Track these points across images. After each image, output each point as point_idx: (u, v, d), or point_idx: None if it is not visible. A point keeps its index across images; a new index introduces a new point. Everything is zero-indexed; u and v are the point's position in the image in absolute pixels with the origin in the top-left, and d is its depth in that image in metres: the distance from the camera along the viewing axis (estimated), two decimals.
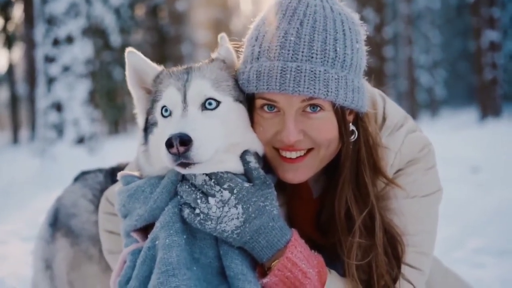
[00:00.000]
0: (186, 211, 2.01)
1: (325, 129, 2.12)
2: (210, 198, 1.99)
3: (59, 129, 12.08)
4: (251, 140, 2.16)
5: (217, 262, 2.04)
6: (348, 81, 2.07)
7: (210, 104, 2.06)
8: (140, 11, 32.31)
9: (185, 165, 1.92)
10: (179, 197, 2.05)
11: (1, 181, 11.65)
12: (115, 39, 29.26)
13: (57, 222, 2.81)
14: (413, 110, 32.17)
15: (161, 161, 1.99)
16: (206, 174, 2.03)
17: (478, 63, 23.91)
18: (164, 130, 2.02)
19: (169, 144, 1.86)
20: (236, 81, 2.19)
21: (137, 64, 2.25)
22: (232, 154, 2.09)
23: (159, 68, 2.27)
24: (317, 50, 2.03)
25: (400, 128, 2.35)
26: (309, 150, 2.17)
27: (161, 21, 29.12)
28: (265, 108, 2.14)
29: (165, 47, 28.25)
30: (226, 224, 1.98)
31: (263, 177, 2.07)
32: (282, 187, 2.31)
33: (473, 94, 24.19)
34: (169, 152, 1.88)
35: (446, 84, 44.38)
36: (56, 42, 12.18)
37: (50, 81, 12.14)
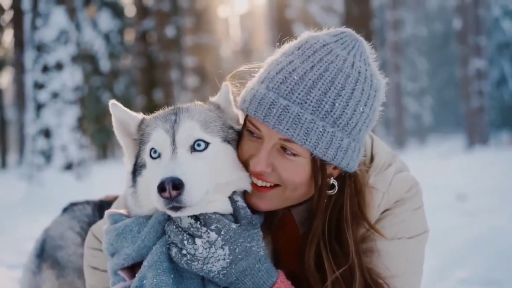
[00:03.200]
0: (174, 250, 2.02)
1: (294, 172, 2.12)
2: (196, 239, 2.00)
3: (47, 155, 12.03)
4: (239, 179, 2.17)
5: None
6: (334, 138, 2.05)
7: (199, 145, 2.07)
8: (130, 37, 32.39)
9: (176, 208, 1.93)
10: (167, 236, 2.06)
11: None
12: (105, 64, 29.35)
13: (44, 254, 2.82)
14: (401, 137, 32.31)
15: (150, 202, 2.01)
16: (192, 217, 2.03)
17: (465, 91, 24.14)
18: (153, 172, 2.04)
19: (161, 188, 1.87)
20: (224, 122, 2.22)
21: (119, 115, 2.26)
22: (221, 194, 2.10)
23: (138, 116, 2.28)
24: (313, 98, 2.01)
25: (388, 167, 2.34)
26: (276, 186, 2.17)
27: (150, 47, 29.17)
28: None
29: (154, 73, 28.23)
30: (213, 265, 1.99)
31: (249, 217, 2.09)
32: (269, 221, 2.33)
33: (460, 121, 24.38)
34: (161, 196, 1.88)
35: (433, 111, 44.73)
36: (45, 69, 12.18)
37: (39, 107, 12.13)
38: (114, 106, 2.25)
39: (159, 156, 2.07)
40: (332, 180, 2.18)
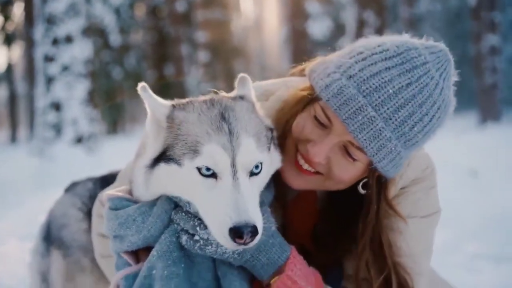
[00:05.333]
0: (184, 238, 1.95)
1: (347, 172, 2.12)
2: None
3: (58, 129, 12.05)
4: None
5: (214, 284, 2.01)
6: (397, 156, 2.05)
7: (256, 167, 1.94)
8: (140, 11, 32.28)
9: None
10: (175, 225, 1.98)
11: None
12: (115, 38, 29.27)
13: (50, 235, 2.81)
14: None
15: (161, 189, 1.97)
16: None
17: (478, 67, 23.89)
18: (205, 190, 1.87)
19: (238, 235, 1.75)
20: (263, 124, 2.07)
21: (147, 100, 2.02)
22: None
23: (167, 104, 2.03)
24: (398, 117, 1.98)
25: None
26: (319, 172, 2.16)
27: (161, 21, 29.09)
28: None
29: (165, 47, 28.22)
30: None
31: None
32: (282, 196, 2.31)
33: (473, 98, 24.07)
34: (234, 240, 1.77)
35: None
36: (55, 42, 12.16)
37: (49, 80, 12.12)
38: (143, 90, 2.01)
39: (212, 175, 1.88)
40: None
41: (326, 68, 2.11)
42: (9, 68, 33.88)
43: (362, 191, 2.22)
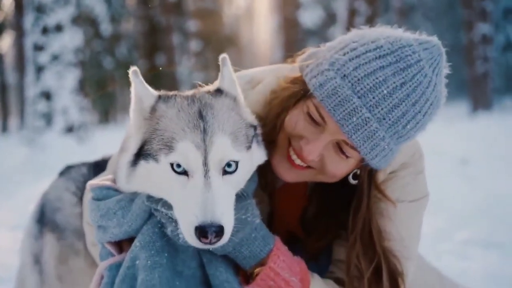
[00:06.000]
0: (169, 229, 1.93)
1: (339, 168, 2.13)
2: None
3: (48, 118, 12.00)
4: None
5: (200, 271, 2.00)
6: (390, 153, 2.06)
7: (229, 166, 1.89)
8: (131, 0, 32.10)
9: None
10: (158, 218, 1.96)
11: None
12: (106, 28, 29.14)
13: (44, 218, 2.79)
14: None
15: (142, 188, 1.96)
16: None
17: (469, 56, 23.89)
18: (177, 188, 1.86)
19: (202, 234, 1.74)
20: (244, 121, 2.02)
21: (136, 87, 1.99)
22: None
23: (154, 94, 2.00)
24: (392, 117, 1.97)
25: None
26: (310, 166, 2.15)
27: (152, 11, 28.92)
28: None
29: (156, 37, 28.08)
30: None
31: (239, 192, 2.01)
32: (271, 184, 2.32)
33: (464, 87, 24.10)
34: (200, 240, 1.76)
35: None
36: (45, 31, 12.08)
37: (39, 69, 12.05)
38: (135, 75, 1.96)
39: (185, 172, 1.86)
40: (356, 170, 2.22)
41: (319, 64, 2.08)
42: None
43: (353, 182, 2.23)
